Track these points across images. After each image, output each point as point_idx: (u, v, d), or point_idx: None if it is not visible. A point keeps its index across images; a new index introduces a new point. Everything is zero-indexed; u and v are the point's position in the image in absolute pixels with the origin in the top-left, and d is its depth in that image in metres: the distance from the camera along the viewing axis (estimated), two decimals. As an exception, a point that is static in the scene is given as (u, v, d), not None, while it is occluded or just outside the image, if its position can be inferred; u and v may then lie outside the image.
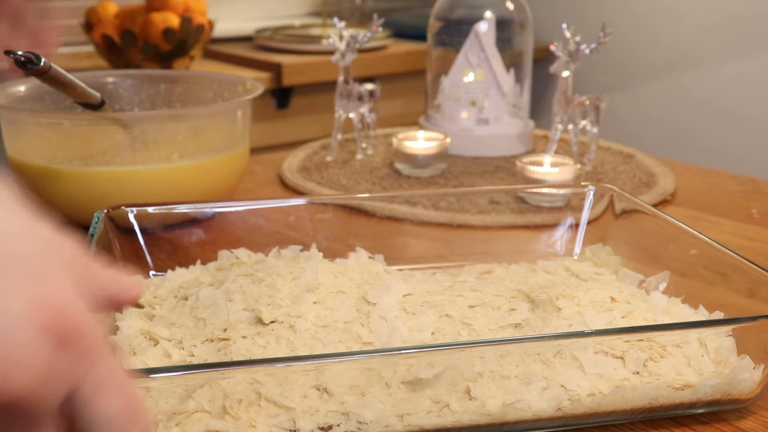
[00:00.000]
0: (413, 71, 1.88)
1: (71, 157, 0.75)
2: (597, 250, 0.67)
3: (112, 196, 0.71)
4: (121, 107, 0.89)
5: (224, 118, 0.81)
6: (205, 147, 0.79)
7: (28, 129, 0.76)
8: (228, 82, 0.89)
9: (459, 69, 1.03)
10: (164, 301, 0.56)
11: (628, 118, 2.04)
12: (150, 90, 0.91)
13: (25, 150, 0.75)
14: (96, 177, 0.73)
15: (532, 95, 1.11)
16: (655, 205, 0.84)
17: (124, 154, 0.75)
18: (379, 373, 0.44)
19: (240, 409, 0.42)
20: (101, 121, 0.75)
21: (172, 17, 1.59)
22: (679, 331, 0.48)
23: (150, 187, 0.74)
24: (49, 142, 0.75)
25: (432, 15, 1.07)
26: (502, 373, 0.45)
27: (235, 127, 0.81)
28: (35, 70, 0.66)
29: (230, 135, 0.81)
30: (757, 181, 0.93)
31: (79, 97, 0.74)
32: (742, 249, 0.74)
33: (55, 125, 0.75)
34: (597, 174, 0.94)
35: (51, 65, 0.67)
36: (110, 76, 0.90)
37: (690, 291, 0.65)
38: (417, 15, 2.07)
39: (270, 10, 2.22)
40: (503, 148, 1.03)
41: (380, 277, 0.58)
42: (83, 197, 0.73)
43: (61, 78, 0.70)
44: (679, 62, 1.96)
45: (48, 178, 0.73)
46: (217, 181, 0.79)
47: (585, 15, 2.06)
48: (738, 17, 1.84)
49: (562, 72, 0.92)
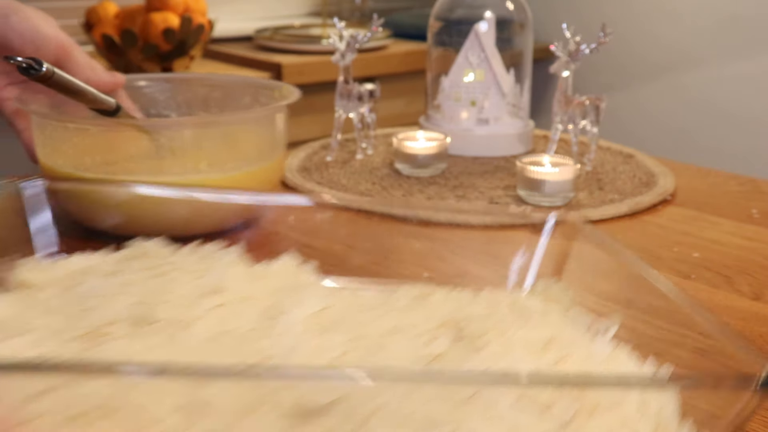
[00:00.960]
0: (413, 71, 1.88)
1: (97, 163, 0.73)
2: (549, 284, 0.61)
3: (136, 206, 0.69)
4: (158, 112, 0.86)
5: (257, 125, 0.77)
6: (236, 156, 0.75)
7: (57, 134, 0.74)
8: (265, 87, 0.85)
9: (459, 69, 1.03)
10: (52, 286, 0.50)
11: (628, 118, 2.04)
12: (187, 94, 0.88)
13: (53, 155, 0.74)
14: (121, 186, 0.71)
15: (532, 95, 1.11)
16: (654, 205, 0.85)
17: (149, 163, 0.73)
18: (260, 396, 0.36)
19: (89, 421, 0.35)
20: (126, 128, 0.74)
21: (172, 17, 1.59)
22: (609, 387, 0.40)
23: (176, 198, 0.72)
24: (76, 148, 0.74)
25: (432, 15, 1.07)
26: (405, 412, 0.37)
27: (268, 135, 0.77)
28: (38, 75, 0.65)
29: (263, 144, 0.77)
30: (757, 181, 0.93)
31: (91, 103, 0.72)
32: (742, 249, 0.74)
33: (82, 131, 0.73)
34: (597, 174, 0.93)
35: (54, 71, 0.66)
36: (143, 80, 0.87)
37: (693, 293, 0.65)
38: (417, 15, 2.07)
39: (270, 10, 2.22)
40: (503, 148, 1.03)
41: (300, 288, 0.52)
42: (108, 206, 0.71)
43: (68, 84, 0.68)
44: (679, 62, 1.96)
45: (77, 185, 0.71)
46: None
47: (585, 15, 2.06)
48: (738, 17, 1.84)
49: (562, 72, 0.92)
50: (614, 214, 0.81)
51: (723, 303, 0.63)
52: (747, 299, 0.64)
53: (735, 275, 0.68)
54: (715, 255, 0.72)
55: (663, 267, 0.70)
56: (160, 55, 1.57)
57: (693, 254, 0.72)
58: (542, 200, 0.83)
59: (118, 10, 1.62)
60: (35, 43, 0.72)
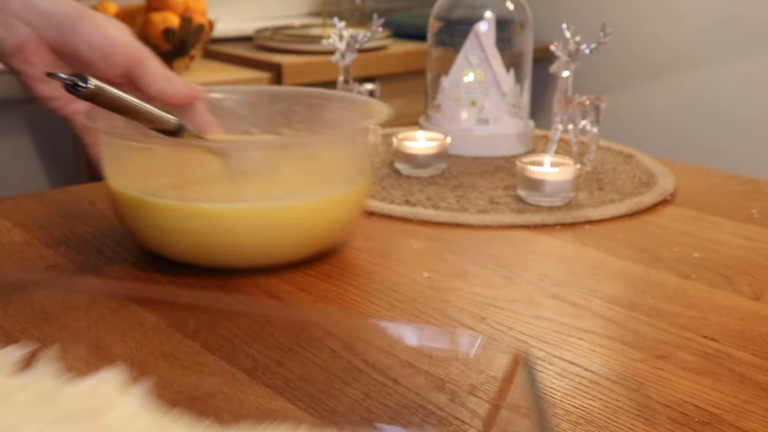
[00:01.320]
0: (413, 71, 1.88)
1: (163, 186, 0.66)
2: None
3: (207, 234, 0.64)
4: (244, 128, 0.79)
5: (341, 146, 0.70)
6: (317, 181, 0.68)
7: (122, 153, 0.68)
8: (352, 103, 0.77)
9: (459, 69, 1.03)
10: None
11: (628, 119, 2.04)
12: (269, 108, 0.80)
13: (119, 176, 0.68)
14: (188, 213, 0.64)
15: (532, 95, 1.11)
16: (654, 205, 0.85)
17: (221, 187, 0.67)
18: None
19: None
20: (194, 149, 0.67)
21: (172, 17, 1.58)
22: None
23: (249, 227, 0.64)
24: (141, 169, 0.68)
25: (432, 15, 1.07)
26: None
27: (354, 157, 0.70)
28: (85, 93, 0.58)
29: (347, 167, 0.70)
30: (757, 181, 0.93)
31: (150, 123, 0.65)
32: (742, 249, 0.74)
33: (147, 151, 0.68)
34: (597, 174, 0.93)
35: (104, 88, 0.59)
36: (217, 92, 0.80)
37: (693, 293, 0.65)
38: (417, 15, 2.07)
39: (270, 10, 2.22)
40: (503, 148, 1.03)
41: None
42: (176, 233, 0.65)
43: (120, 102, 0.61)
44: (679, 62, 1.96)
45: (141, 209, 0.65)
46: (330, 222, 0.68)
47: (585, 15, 2.06)
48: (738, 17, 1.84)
49: (562, 72, 0.92)
50: (614, 214, 0.81)
51: (723, 303, 0.63)
52: (747, 299, 0.64)
53: (735, 275, 0.68)
54: (715, 255, 0.72)
55: (663, 267, 0.70)
56: (160, 55, 1.57)
57: (693, 254, 0.72)
58: (542, 200, 0.83)
59: (118, 10, 1.62)
60: (103, 52, 0.67)
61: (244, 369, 0.53)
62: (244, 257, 0.66)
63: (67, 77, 0.57)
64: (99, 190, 0.88)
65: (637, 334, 0.58)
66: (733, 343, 0.57)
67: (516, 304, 0.62)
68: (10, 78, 0.73)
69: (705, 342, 0.57)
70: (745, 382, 0.52)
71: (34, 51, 0.67)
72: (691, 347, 0.56)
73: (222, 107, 0.78)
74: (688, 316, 0.61)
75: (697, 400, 0.50)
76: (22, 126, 1.99)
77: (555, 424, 0.47)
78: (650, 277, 0.68)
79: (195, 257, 0.66)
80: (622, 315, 0.61)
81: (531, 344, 0.56)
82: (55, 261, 0.69)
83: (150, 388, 0.50)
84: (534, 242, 0.75)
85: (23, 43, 0.67)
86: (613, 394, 0.50)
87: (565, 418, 0.48)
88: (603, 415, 0.48)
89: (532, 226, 0.79)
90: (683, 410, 0.49)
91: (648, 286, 0.66)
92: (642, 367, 0.54)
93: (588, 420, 0.48)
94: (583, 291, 0.65)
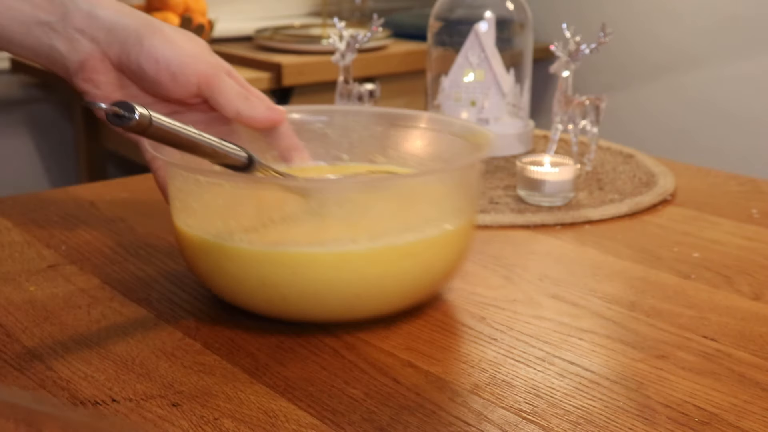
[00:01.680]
0: (413, 71, 1.89)
1: (233, 229, 0.57)
2: None
3: (286, 283, 0.55)
4: (336, 154, 0.70)
5: (443, 182, 0.60)
6: (412, 220, 0.58)
7: (187, 188, 0.59)
8: (448, 125, 0.69)
9: (459, 69, 1.03)
10: None
11: (628, 118, 2.04)
12: (363, 133, 0.70)
13: (184, 213, 0.59)
14: (263, 259, 0.56)
15: (532, 95, 1.11)
16: (655, 205, 0.85)
17: (297, 230, 0.58)
18: None
19: None
20: (269, 186, 0.59)
21: (172, 17, 1.59)
22: None
23: (335, 273, 0.55)
24: (207, 207, 0.59)
25: (432, 15, 1.07)
26: None
27: (455, 193, 0.60)
28: (130, 125, 0.48)
29: (447, 206, 0.59)
30: (757, 181, 0.93)
31: (214, 158, 0.55)
32: (742, 249, 0.74)
33: (215, 187, 0.58)
34: (597, 174, 0.93)
35: (152, 119, 0.49)
36: (304, 112, 0.70)
37: (693, 293, 0.65)
38: (417, 15, 2.07)
39: (270, 10, 2.22)
40: (503, 148, 1.03)
41: None
42: (251, 281, 0.56)
43: (173, 135, 0.51)
44: (679, 62, 1.96)
45: (210, 254, 0.57)
46: (428, 269, 0.58)
47: (585, 15, 2.06)
48: (738, 17, 1.84)
49: (562, 72, 0.92)
50: (614, 214, 0.81)
51: (723, 303, 0.63)
52: (747, 299, 0.64)
53: (735, 275, 0.68)
54: (715, 255, 0.72)
55: (663, 267, 0.70)
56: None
57: (693, 254, 0.72)
58: (542, 200, 0.83)
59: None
60: (171, 71, 0.60)
61: (244, 369, 0.53)
62: (325, 309, 0.57)
63: (108, 107, 0.47)
64: (99, 190, 0.88)
65: (637, 334, 0.58)
66: (733, 343, 0.57)
67: (516, 304, 0.62)
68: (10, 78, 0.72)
69: (705, 342, 0.57)
70: (745, 382, 0.52)
71: (98, 69, 0.61)
72: (691, 347, 0.56)
73: (309, 129, 0.69)
74: (688, 316, 0.61)
75: (697, 400, 0.50)
76: (22, 126, 1.99)
77: (555, 424, 0.47)
78: (650, 277, 0.68)
79: (270, 308, 0.57)
80: (622, 315, 0.61)
81: (531, 344, 0.56)
82: (55, 261, 0.69)
83: (150, 387, 0.50)
84: (534, 242, 0.75)
85: (86, 61, 0.60)
86: (613, 394, 0.50)
87: (565, 418, 0.48)
88: (603, 415, 0.48)
89: (532, 226, 0.79)
90: (683, 410, 0.49)
91: (648, 286, 0.66)
92: (642, 367, 0.54)
93: (588, 420, 0.48)
94: (583, 291, 0.65)
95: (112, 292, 0.63)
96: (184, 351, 0.55)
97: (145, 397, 0.49)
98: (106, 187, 0.89)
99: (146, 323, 0.58)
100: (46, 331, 0.57)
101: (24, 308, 0.60)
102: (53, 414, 0.33)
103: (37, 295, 0.62)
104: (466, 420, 0.47)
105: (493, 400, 0.50)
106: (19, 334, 0.57)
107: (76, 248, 0.71)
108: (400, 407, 0.49)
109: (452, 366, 0.54)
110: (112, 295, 0.63)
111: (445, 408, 0.49)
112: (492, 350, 0.55)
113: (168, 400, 0.49)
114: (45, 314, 0.59)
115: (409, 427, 0.47)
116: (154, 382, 0.51)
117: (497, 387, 0.51)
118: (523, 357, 0.55)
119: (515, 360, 0.54)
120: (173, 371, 0.52)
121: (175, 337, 0.56)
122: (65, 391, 0.49)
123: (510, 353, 0.55)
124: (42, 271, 0.67)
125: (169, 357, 0.54)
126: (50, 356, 0.53)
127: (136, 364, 0.53)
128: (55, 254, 0.70)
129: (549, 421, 0.48)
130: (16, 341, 0.55)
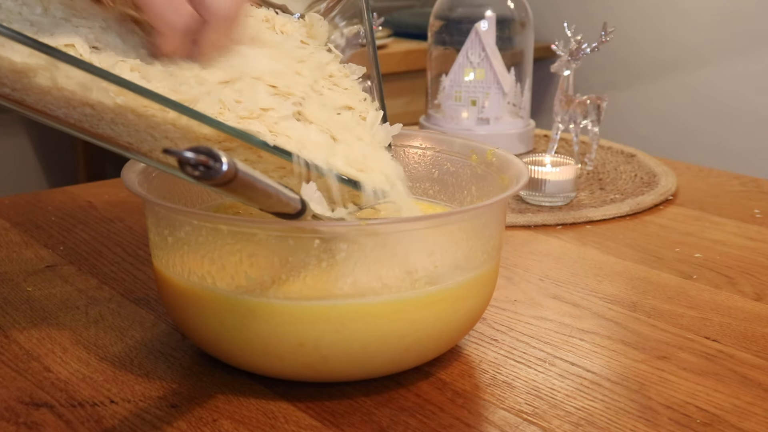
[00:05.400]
0: (413, 70, 1.88)
1: (254, 284, 0.48)
2: None
3: (319, 343, 0.48)
4: (423, 191, 0.63)
5: (475, 223, 0.52)
6: (445, 265, 0.50)
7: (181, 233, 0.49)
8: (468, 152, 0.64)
9: (459, 68, 1.03)
10: None
11: (629, 118, 2.03)
12: None
13: (169, 257, 0.50)
14: (288, 312, 0.47)
15: (533, 94, 1.10)
16: (656, 205, 0.84)
17: (307, 280, 0.48)
18: None
19: None
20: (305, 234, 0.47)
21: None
22: None
23: (376, 326, 0.48)
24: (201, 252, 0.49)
25: (432, 14, 1.07)
26: None
27: (483, 235, 0.52)
28: (215, 180, 0.36)
29: (478, 244, 0.52)
30: (759, 181, 0.93)
31: (273, 207, 0.44)
32: (744, 249, 0.73)
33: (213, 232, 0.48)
34: (598, 174, 0.93)
35: (237, 168, 0.37)
36: None
37: (695, 294, 0.65)
38: (417, 14, 2.07)
39: (270, 9, 2.21)
40: (504, 148, 1.02)
41: None
42: (273, 339, 0.48)
43: (251, 185, 0.40)
44: (681, 61, 1.95)
45: (195, 302, 0.50)
46: (469, 312, 0.52)
47: (586, 14, 2.06)
48: (741, 15, 1.83)
49: (563, 71, 0.92)
50: (615, 213, 0.81)
51: (725, 304, 0.63)
52: (749, 300, 0.63)
53: (737, 276, 0.68)
54: (718, 255, 0.72)
55: (665, 267, 0.69)
56: (160, 55, 1.57)
57: (695, 254, 0.72)
58: (543, 200, 0.82)
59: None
60: None
61: (243, 369, 0.52)
62: (374, 366, 0.50)
63: (193, 157, 0.35)
64: (97, 190, 0.88)
65: (639, 334, 0.58)
66: (735, 344, 0.57)
67: (517, 305, 0.62)
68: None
69: (707, 343, 0.57)
70: (747, 383, 0.52)
71: None
72: (693, 348, 0.56)
73: None
74: (689, 316, 0.61)
75: (698, 401, 0.50)
76: (21, 126, 1.99)
77: (556, 426, 0.47)
78: (652, 277, 0.67)
79: (304, 371, 0.49)
80: (623, 315, 0.61)
81: (532, 345, 0.56)
82: (53, 261, 0.68)
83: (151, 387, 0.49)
84: (535, 242, 0.75)
85: None
86: (615, 395, 0.50)
87: (566, 420, 0.47)
88: (604, 417, 0.48)
89: (533, 226, 0.79)
90: (685, 411, 0.49)
91: (649, 287, 0.66)
92: (643, 368, 0.53)
93: (589, 421, 0.47)
94: (584, 291, 0.65)
95: (110, 293, 0.63)
96: (183, 352, 0.54)
97: (144, 398, 0.49)
98: (105, 187, 0.89)
99: (145, 324, 0.58)
100: (43, 332, 0.57)
101: (22, 309, 0.60)
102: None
103: (34, 296, 0.62)
104: (466, 421, 0.47)
105: (494, 401, 0.49)
106: (16, 334, 0.56)
107: (74, 248, 0.71)
108: (400, 408, 0.48)
109: (453, 367, 0.53)
110: (110, 296, 0.62)
111: (446, 409, 0.48)
112: (492, 351, 0.55)
113: (167, 401, 0.48)
114: (43, 315, 0.59)
115: (409, 428, 0.46)
116: (153, 383, 0.50)
117: (498, 388, 0.51)
118: (524, 358, 0.54)
119: (516, 361, 0.54)
120: (172, 372, 0.52)
121: (174, 337, 0.56)
122: (63, 393, 0.49)
123: (511, 354, 0.55)
124: (40, 271, 0.66)
125: (167, 358, 0.53)
126: (48, 357, 0.53)
127: (135, 365, 0.52)
128: (53, 254, 0.70)
129: (550, 422, 0.47)
130: (14, 342, 0.55)
